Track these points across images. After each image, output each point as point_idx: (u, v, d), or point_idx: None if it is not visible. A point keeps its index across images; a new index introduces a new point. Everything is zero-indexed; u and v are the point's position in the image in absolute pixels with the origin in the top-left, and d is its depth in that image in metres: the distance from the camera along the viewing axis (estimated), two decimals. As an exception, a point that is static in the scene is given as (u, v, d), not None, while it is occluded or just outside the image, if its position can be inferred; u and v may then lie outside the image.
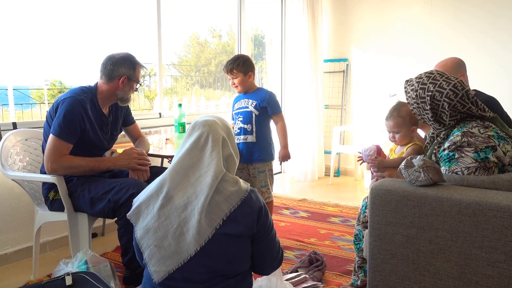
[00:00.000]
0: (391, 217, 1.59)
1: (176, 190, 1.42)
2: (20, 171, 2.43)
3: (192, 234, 1.36)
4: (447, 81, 1.69)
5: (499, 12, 4.25)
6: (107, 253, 2.80)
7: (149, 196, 1.45)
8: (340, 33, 5.25)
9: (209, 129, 1.47)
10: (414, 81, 1.78)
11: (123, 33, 3.70)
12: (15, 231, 2.71)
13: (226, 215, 1.38)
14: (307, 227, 3.32)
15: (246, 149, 2.90)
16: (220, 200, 1.39)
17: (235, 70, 2.85)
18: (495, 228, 1.40)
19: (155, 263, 1.39)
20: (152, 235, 1.41)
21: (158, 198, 1.43)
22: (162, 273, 1.38)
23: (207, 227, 1.36)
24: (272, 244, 1.55)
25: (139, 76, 2.37)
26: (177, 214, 1.40)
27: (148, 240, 1.41)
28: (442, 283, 1.52)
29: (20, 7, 2.97)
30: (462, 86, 1.69)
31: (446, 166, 1.65)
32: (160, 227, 1.40)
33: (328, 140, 5.23)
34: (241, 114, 2.94)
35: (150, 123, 3.54)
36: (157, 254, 1.39)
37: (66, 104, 2.16)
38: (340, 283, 2.37)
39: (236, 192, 1.42)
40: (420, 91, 1.73)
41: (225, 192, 1.41)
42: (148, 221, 1.42)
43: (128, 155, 2.30)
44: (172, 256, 1.38)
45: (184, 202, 1.40)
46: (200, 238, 1.36)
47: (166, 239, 1.39)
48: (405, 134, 2.08)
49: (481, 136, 1.60)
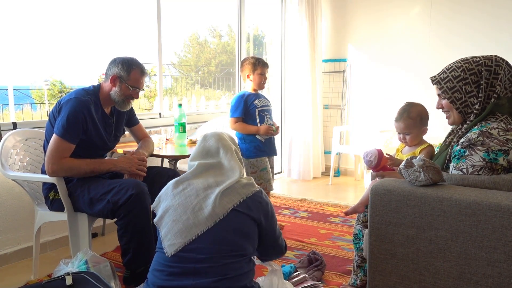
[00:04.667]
0: (391, 217, 1.59)
1: (196, 179, 1.59)
2: (20, 171, 2.43)
3: (211, 208, 1.49)
4: (489, 56, 1.69)
5: (498, 13, 4.25)
6: (107, 253, 2.80)
7: (172, 183, 1.60)
8: (339, 33, 5.25)
9: (219, 139, 1.68)
10: (451, 64, 1.74)
11: (123, 33, 3.70)
12: (15, 231, 2.71)
13: (242, 199, 1.54)
14: (307, 227, 3.32)
15: (274, 143, 3.31)
16: (238, 187, 1.56)
17: (267, 69, 3.21)
18: (495, 228, 1.40)
19: (171, 237, 1.49)
20: (172, 212, 1.53)
21: (179, 184, 1.59)
22: (177, 245, 1.48)
23: (225, 203, 1.51)
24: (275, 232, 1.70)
25: (134, 81, 2.30)
26: (197, 194, 1.54)
27: (168, 217, 1.53)
28: (442, 283, 1.52)
29: (20, 7, 2.97)
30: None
31: (454, 162, 1.64)
32: (180, 205, 1.53)
33: (328, 140, 5.23)
34: (267, 112, 3.21)
35: (150, 123, 3.54)
36: (175, 228, 1.50)
37: (70, 105, 2.16)
38: (340, 283, 2.37)
39: (251, 185, 1.60)
40: (467, 65, 1.69)
41: (242, 182, 1.59)
42: (169, 202, 1.56)
43: (129, 159, 2.32)
44: (190, 229, 1.48)
45: (204, 186, 1.55)
46: (219, 211, 1.49)
47: (185, 213, 1.51)
48: (416, 135, 2.05)
49: (498, 138, 1.57)
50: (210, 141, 1.68)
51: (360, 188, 4.69)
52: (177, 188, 1.58)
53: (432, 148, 2.05)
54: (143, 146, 2.56)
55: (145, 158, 2.40)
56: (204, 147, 1.67)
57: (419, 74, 4.62)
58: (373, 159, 1.99)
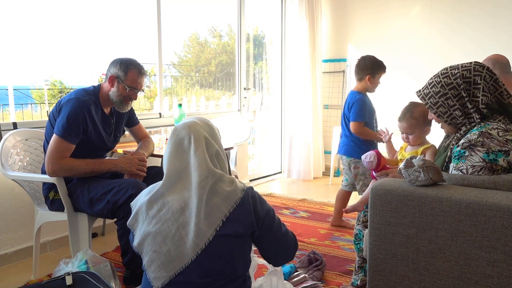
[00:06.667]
0: (391, 217, 1.59)
1: (171, 194, 1.41)
2: (20, 171, 2.43)
3: (191, 237, 1.34)
4: (468, 64, 1.68)
5: (499, 13, 4.25)
6: (107, 253, 2.80)
7: (145, 202, 1.44)
8: (339, 33, 5.25)
9: (190, 131, 1.45)
10: (432, 79, 1.74)
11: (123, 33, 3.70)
12: (15, 231, 2.71)
13: (225, 216, 1.36)
14: (307, 227, 3.32)
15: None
16: (218, 202, 1.37)
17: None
18: (494, 228, 1.40)
19: (154, 269, 1.37)
20: (151, 240, 1.39)
21: (154, 203, 1.42)
22: (163, 279, 1.36)
23: (206, 229, 1.34)
24: (279, 234, 1.51)
25: (131, 81, 2.29)
26: (174, 219, 1.38)
27: (147, 246, 1.40)
28: (442, 283, 1.52)
29: (20, 7, 2.97)
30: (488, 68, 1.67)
31: (454, 162, 1.64)
32: (158, 233, 1.38)
33: (328, 140, 5.23)
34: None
35: (150, 123, 3.54)
36: (157, 260, 1.37)
37: (70, 105, 2.17)
38: (340, 283, 2.37)
39: (234, 192, 1.40)
40: (445, 79, 1.69)
41: (223, 193, 1.39)
42: (146, 227, 1.40)
43: (129, 160, 2.32)
44: (173, 261, 1.36)
45: (181, 206, 1.38)
46: (200, 241, 1.34)
47: (165, 244, 1.37)
48: (419, 135, 2.07)
49: (498, 139, 1.57)
50: (182, 132, 1.46)
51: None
52: (152, 209, 1.41)
53: (435, 148, 2.05)
54: (143, 146, 2.56)
55: (145, 158, 2.40)
56: (175, 141, 1.46)
57: (420, 74, 4.60)
58: (373, 159, 2.01)
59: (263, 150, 5.62)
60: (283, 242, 1.53)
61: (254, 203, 1.43)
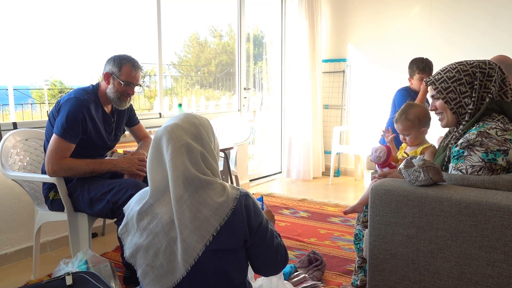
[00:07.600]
0: (391, 217, 1.59)
1: (159, 206, 1.34)
2: (20, 171, 2.43)
3: (180, 254, 1.28)
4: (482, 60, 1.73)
5: (499, 13, 4.25)
6: (107, 253, 2.80)
7: (136, 213, 1.38)
8: (339, 33, 5.25)
9: (169, 137, 1.31)
10: (446, 66, 1.76)
11: (123, 33, 3.70)
12: (15, 231, 2.71)
13: (216, 230, 1.27)
14: (307, 227, 3.32)
15: None
16: (208, 214, 1.27)
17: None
18: (494, 228, 1.40)
19: (149, 282, 1.34)
20: (143, 254, 1.34)
21: (144, 215, 1.36)
22: None
23: (196, 244, 1.27)
24: (270, 247, 1.41)
25: (126, 76, 2.27)
26: (164, 232, 1.31)
27: (140, 259, 1.36)
28: (442, 283, 1.52)
29: (20, 7, 2.97)
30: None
31: (453, 162, 1.64)
32: (149, 246, 1.33)
33: (328, 140, 5.23)
34: None
35: (150, 123, 3.54)
36: (150, 274, 1.34)
37: (69, 105, 2.17)
38: (340, 283, 2.37)
39: (225, 203, 1.29)
40: (461, 66, 1.71)
41: (213, 204, 1.28)
42: (137, 240, 1.36)
43: (129, 160, 2.33)
44: (166, 276, 1.31)
45: (170, 219, 1.31)
46: (188, 258, 1.27)
47: (158, 258, 1.32)
48: (416, 136, 2.08)
49: (497, 138, 1.57)
50: (161, 140, 1.33)
51: (360, 188, 4.69)
52: (142, 221, 1.35)
53: (434, 148, 2.06)
54: (143, 146, 2.56)
55: (145, 158, 2.40)
56: (153, 148, 1.35)
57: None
58: (382, 155, 2.04)
59: (263, 150, 5.62)
60: (273, 257, 1.43)
61: (247, 213, 1.33)
